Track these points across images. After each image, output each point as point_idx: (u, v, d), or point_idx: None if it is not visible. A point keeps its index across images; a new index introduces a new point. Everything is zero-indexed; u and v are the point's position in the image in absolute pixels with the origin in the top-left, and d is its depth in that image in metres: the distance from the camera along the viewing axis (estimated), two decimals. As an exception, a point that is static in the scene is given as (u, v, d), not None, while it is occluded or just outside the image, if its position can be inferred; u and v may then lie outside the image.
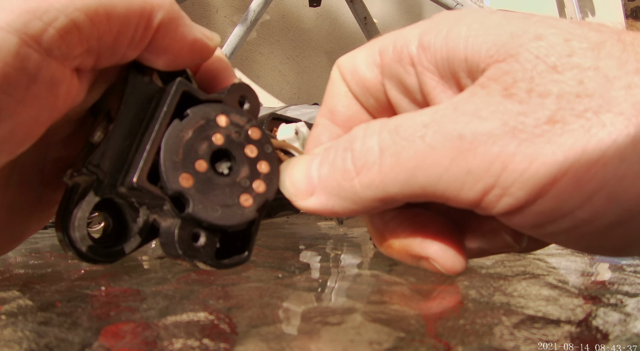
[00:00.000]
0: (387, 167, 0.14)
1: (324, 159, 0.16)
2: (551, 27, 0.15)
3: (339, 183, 0.15)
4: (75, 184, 0.22)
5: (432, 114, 0.14)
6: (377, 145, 0.15)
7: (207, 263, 0.22)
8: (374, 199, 0.15)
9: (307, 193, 0.17)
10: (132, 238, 0.24)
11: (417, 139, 0.14)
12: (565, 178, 0.12)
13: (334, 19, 1.70)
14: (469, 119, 0.13)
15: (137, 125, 0.22)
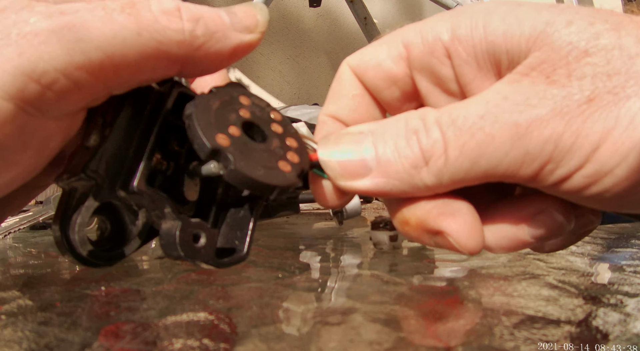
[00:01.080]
0: (453, 158, 0.16)
1: (378, 142, 0.17)
2: (576, 14, 0.17)
3: (406, 170, 0.17)
4: (72, 188, 0.22)
5: (485, 106, 0.16)
6: (440, 138, 0.16)
7: (208, 262, 0.22)
8: (435, 186, 0.17)
9: (359, 175, 0.17)
10: (131, 241, 0.24)
11: (477, 131, 0.16)
12: (605, 144, 0.15)
13: (334, 19, 1.69)
14: (522, 108, 0.16)
15: (134, 128, 0.22)
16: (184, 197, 0.25)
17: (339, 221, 0.39)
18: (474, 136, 0.16)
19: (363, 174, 0.17)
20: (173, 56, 0.17)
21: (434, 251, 0.32)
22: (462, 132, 0.16)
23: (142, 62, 0.17)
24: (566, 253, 0.31)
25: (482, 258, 0.30)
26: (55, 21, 0.16)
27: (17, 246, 0.39)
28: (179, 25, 0.17)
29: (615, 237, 0.37)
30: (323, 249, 0.35)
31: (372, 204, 0.68)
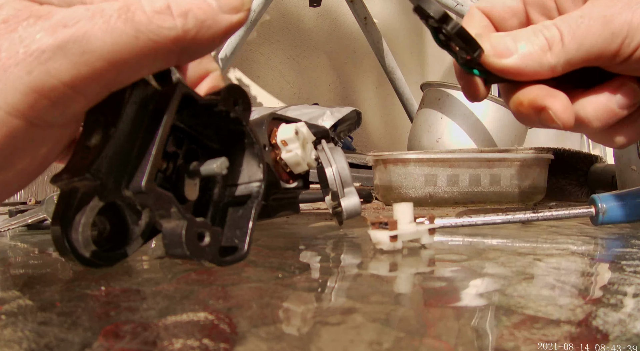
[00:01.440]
0: (567, 43, 0.24)
1: (518, 38, 0.25)
2: None
3: (537, 52, 0.25)
4: (73, 188, 0.22)
5: (582, 11, 0.25)
6: (557, 31, 0.25)
7: (212, 261, 0.22)
8: (555, 65, 0.25)
9: (505, 55, 0.25)
10: (134, 240, 0.24)
11: (580, 23, 0.24)
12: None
13: (334, 19, 1.69)
14: (606, 7, 0.24)
15: (137, 128, 0.21)
16: (184, 196, 0.25)
17: (339, 221, 0.39)
18: (579, 26, 0.24)
19: (508, 55, 0.25)
20: (169, 51, 0.18)
21: (434, 251, 0.32)
22: (570, 25, 0.24)
23: (141, 61, 0.18)
24: (566, 253, 0.31)
25: (482, 259, 0.30)
26: (59, 36, 0.16)
27: (17, 246, 0.39)
28: (171, 23, 0.18)
29: (615, 237, 0.37)
30: (323, 249, 0.35)
31: (372, 204, 0.68)
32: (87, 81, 0.17)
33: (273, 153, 0.36)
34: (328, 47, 1.70)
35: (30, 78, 0.16)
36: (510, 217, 0.37)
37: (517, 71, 0.25)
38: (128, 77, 0.19)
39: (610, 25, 0.24)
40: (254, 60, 1.56)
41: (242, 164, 0.25)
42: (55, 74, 0.16)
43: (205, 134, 0.26)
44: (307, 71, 1.67)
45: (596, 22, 0.24)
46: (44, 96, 0.16)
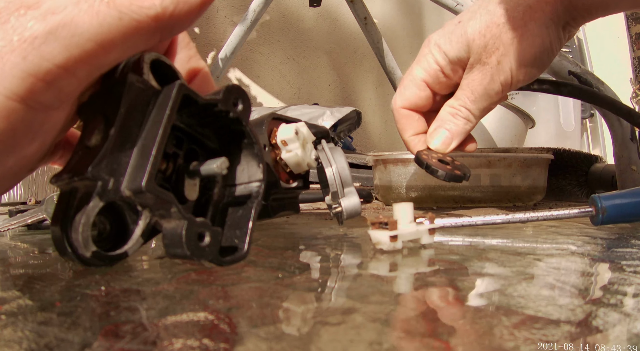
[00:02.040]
0: (473, 111, 0.43)
1: (448, 128, 0.43)
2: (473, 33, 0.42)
3: (464, 126, 0.42)
4: (73, 188, 0.22)
5: (470, 87, 0.42)
6: (465, 110, 0.43)
7: (212, 261, 0.22)
8: (478, 119, 0.43)
9: (449, 142, 0.43)
10: (133, 240, 0.24)
11: (467, 96, 0.43)
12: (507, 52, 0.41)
13: (334, 19, 1.69)
14: (483, 78, 0.42)
15: (137, 128, 0.21)
16: (184, 196, 0.25)
17: (339, 221, 0.39)
18: (476, 99, 0.42)
19: (450, 143, 0.43)
20: (151, 29, 0.20)
21: (434, 251, 0.32)
22: (471, 101, 0.41)
23: (127, 41, 0.19)
24: (566, 253, 0.31)
25: (481, 259, 0.30)
26: (49, 22, 0.18)
27: (17, 246, 0.39)
28: (150, 2, 0.19)
29: (615, 237, 0.37)
30: (323, 249, 0.35)
31: (372, 204, 0.68)
32: (79, 62, 0.18)
33: (273, 153, 0.36)
34: (328, 47, 1.70)
35: (26, 63, 0.17)
36: (510, 217, 0.37)
37: (457, 145, 0.43)
38: (116, 57, 0.20)
39: (490, 90, 0.41)
40: (254, 60, 1.56)
41: (242, 164, 0.25)
42: (49, 58, 0.17)
43: (205, 134, 0.26)
44: (307, 71, 1.67)
45: (482, 94, 0.41)
46: (40, 79, 0.17)
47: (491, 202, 0.61)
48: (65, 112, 0.20)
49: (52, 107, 0.19)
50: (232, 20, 1.50)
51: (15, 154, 0.19)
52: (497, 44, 0.39)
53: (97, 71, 0.20)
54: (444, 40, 0.42)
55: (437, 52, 0.43)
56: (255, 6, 1.08)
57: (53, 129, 0.20)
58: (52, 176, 0.22)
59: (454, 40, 0.41)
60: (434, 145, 0.42)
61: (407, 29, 1.84)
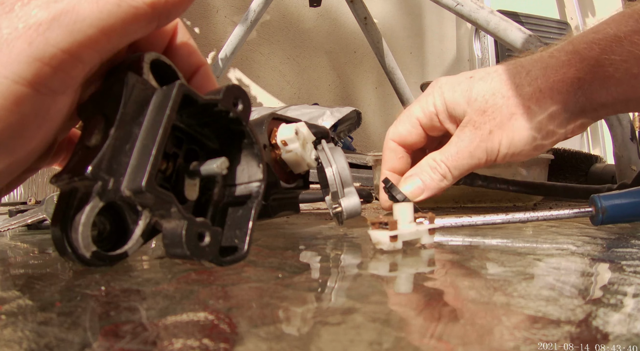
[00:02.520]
0: (453, 171, 0.41)
1: (423, 178, 0.42)
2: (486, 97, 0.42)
3: (438, 184, 0.41)
4: (73, 188, 0.22)
5: (456, 146, 0.41)
6: (444, 165, 0.41)
7: (212, 261, 0.22)
8: (450, 183, 0.41)
9: (420, 193, 0.42)
10: (133, 240, 0.24)
11: (458, 158, 0.41)
12: (500, 149, 0.41)
13: (334, 19, 1.69)
14: (469, 143, 0.41)
15: (137, 128, 0.21)
16: (184, 196, 0.25)
17: (339, 221, 0.38)
18: (457, 160, 0.40)
19: (421, 193, 0.42)
20: (149, 15, 0.21)
21: (434, 251, 0.32)
22: (452, 160, 0.41)
23: (126, 26, 0.20)
24: (566, 253, 0.31)
25: (481, 259, 0.30)
26: (52, 10, 0.19)
27: (17, 246, 0.39)
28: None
29: (615, 237, 0.37)
30: (323, 249, 0.35)
31: (372, 204, 0.68)
32: (82, 47, 0.19)
33: (273, 153, 0.36)
34: (328, 47, 1.70)
35: (32, 48, 0.18)
36: (510, 217, 0.37)
37: (427, 197, 0.42)
38: (118, 42, 0.21)
39: (474, 156, 0.40)
40: (254, 60, 1.56)
41: (241, 164, 0.25)
42: (54, 43, 0.18)
43: (205, 134, 0.26)
44: (307, 71, 1.67)
45: (466, 157, 0.40)
46: (46, 64, 0.18)
47: (491, 202, 0.61)
48: (70, 98, 0.21)
49: (58, 92, 0.20)
50: (232, 20, 1.50)
51: (24, 142, 0.20)
52: (496, 114, 0.39)
53: (99, 56, 0.20)
54: (449, 87, 0.42)
55: (439, 96, 0.42)
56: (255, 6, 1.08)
57: (59, 116, 0.21)
58: (52, 176, 0.22)
59: (457, 93, 0.41)
60: (405, 190, 0.41)
61: (407, 29, 1.84)
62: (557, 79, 0.37)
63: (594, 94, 0.37)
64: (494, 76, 0.40)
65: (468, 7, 0.79)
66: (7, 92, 0.18)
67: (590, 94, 0.37)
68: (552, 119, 0.38)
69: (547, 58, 0.39)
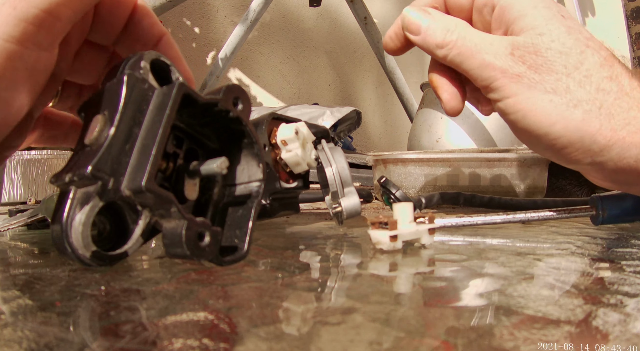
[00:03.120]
0: (453, 54, 0.31)
1: (432, 26, 0.32)
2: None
3: (433, 45, 0.32)
4: (73, 188, 0.22)
5: (481, 42, 0.30)
6: (455, 41, 0.31)
7: (212, 260, 0.22)
8: (439, 57, 0.32)
9: (414, 32, 0.33)
10: (133, 240, 0.24)
11: (469, 50, 0.30)
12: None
13: (334, 19, 1.69)
14: (490, 56, 0.30)
15: (137, 127, 0.22)
16: (184, 196, 0.25)
17: (339, 221, 0.38)
18: (467, 50, 0.30)
19: (416, 33, 0.32)
20: None
21: (434, 251, 0.32)
22: (463, 46, 0.30)
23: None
24: (566, 253, 0.31)
25: (481, 259, 0.30)
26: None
27: (17, 246, 0.39)
28: None
29: (615, 237, 0.37)
30: (323, 249, 0.35)
31: (372, 204, 0.68)
32: (60, 6, 0.22)
33: (273, 153, 0.36)
34: (328, 47, 1.70)
35: (17, 11, 0.21)
36: (511, 217, 0.37)
37: (416, 44, 0.33)
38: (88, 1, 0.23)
39: (483, 70, 0.29)
40: (254, 60, 1.56)
41: (241, 164, 0.25)
42: (34, 4, 0.21)
43: (205, 133, 0.26)
44: (307, 71, 1.67)
45: (477, 61, 0.30)
46: (30, 23, 0.21)
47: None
48: (52, 56, 0.24)
49: (42, 47, 0.22)
50: (232, 20, 1.50)
51: (15, 95, 0.23)
52: (541, 70, 0.29)
53: (73, 14, 0.23)
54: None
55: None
56: (255, 6, 1.08)
57: (43, 73, 0.24)
58: (52, 176, 0.22)
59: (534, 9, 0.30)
60: (410, 16, 0.33)
61: (407, 29, 1.84)
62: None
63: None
64: (590, 45, 0.28)
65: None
66: (0, 50, 0.21)
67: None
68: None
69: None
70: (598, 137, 0.27)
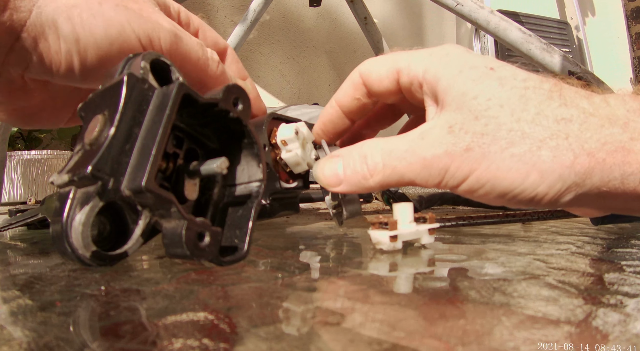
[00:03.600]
0: (387, 174, 0.26)
1: (346, 164, 0.28)
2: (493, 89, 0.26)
3: (359, 181, 0.27)
4: (73, 188, 0.22)
5: (409, 143, 0.26)
6: (381, 161, 0.26)
7: (212, 261, 0.22)
8: (375, 187, 0.27)
9: (336, 184, 0.28)
10: (133, 240, 0.24)
11: (403, 160, 0.26)
12: (472, 174, 0.25)
13: (334, 19, 1.69)
14: (429, 148, 0.25)
15: (137, 127, 0.21)
16: (184, 196, 0.25)
17: (339, 221, 0.38)
18: (400, 162, 0.26)
19: (338, 184, 0.28)
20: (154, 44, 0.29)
21: (434, 251, 0.32)
22: (392, 159, 0.26)
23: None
24: (566, 253, 0.31)
25: (481, 259, 0.30)
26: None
27: (17, 246, 0.39)
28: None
29: (615, 237, 0.37)
30: (323, 249, 0.35)
31: (372, 204, 0.68)
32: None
33: (273, 153, 0.36)
34: (328, 47, 1.70)
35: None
36: (511, 217, 0.37)
37: (346, 193, 0.30)
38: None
39: (429, 169, 0.25)
40: (254, 60, 1.56)
41: (241, 164, 0.25)
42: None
43: (206, 134, 0.26)
44: (307, 70, 1.67)
45: (417, 162, 0.26)
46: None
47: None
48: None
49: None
50: (232, 20, 1.50)
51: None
52: (490, 132, 0.25)
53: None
54: (458, 62, 0.28)
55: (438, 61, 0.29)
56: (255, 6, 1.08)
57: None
58: (52, 176, 0.22)
59: (464, 76, 0.27)
60: (320, 173, 0.29)
61: (407, 29, 1.84)
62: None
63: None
64: (529, 86, 0.26)
65: (468, 7, 0.79)
66: None
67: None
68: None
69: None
70: (576, 168, 0.24)
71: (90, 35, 0.27)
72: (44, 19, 0.27)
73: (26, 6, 0.27)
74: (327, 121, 0.34)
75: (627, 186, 0.24)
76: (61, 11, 0.27)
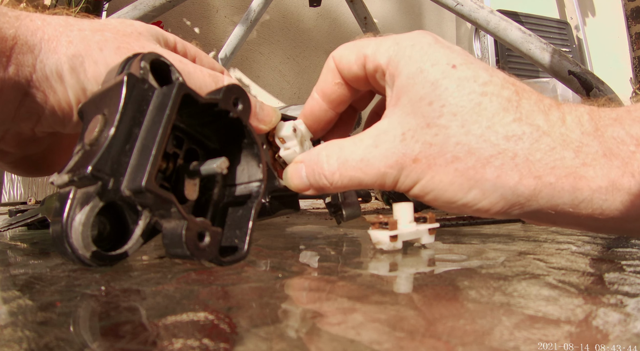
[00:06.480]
0: (345, 182, 0.27)
1: (307, 171, 0.29)
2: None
3: (322, 187, 0.28)
4: (73, 188, 0.22)
5: (364, 151, 0.27)
6: (337, 170, 0.27)
7: (212, 261, 0.22)
8: (339, 190, 0.28)
9: (305, 188, 0.29)
10: (133, 240, 0.24)
11: (358, 170, 0.26)
12: (421, 181, 0.26)
13: (334, 19, 1.69)
14: (383, 157, 0.26)
15: (137, 127, 0.21)
16: (184, 196, 0.25)
17: (338, 221, 0.38)
18: (356, 172, 0.27)
19: (307, 189, 0.29)
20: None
21: (434, 251, 0.32)
22: (347, 167, 0.27)
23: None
24: (566, 253, 0.31)
25: (481, 258, 0.30)
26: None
27: (17, 246, 0.39)
28: None
29: (615, 237, 0.37)
30: (323, 249, 0.35)
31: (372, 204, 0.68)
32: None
33: (271, 151, 0.36)
34: (328, 47, 1.70)
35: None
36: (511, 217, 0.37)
37: (312, 194, 0.30)
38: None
39: (383, 177, 0.26)
40: (254, 60, 1.56)
41: (241, 164, 0.25)
42: None
43: (206, 134, 0.26)
44: (307, 71, 1.67)
45: (372, 173, 0.27)
46: None
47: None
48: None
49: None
50: (232, 20, 1.50)
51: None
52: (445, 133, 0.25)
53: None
54: (420, 53, 0.28)
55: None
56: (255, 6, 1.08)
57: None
58: (52, 176, 0.22)
59: (427, 70, 0.26)
60: (288, 179, 0.30)
61: (407, 29, 1.84)
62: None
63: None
64: (487, 92, 0.25)
65: (468, 7, 0.79)
66: None
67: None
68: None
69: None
70: (520, 189, 0.23)
71: (96, 84, 0.27)
72: (48, 72, 0.27)
73: (29, 61, 0.27)
74: (308, 113, 0.33)
75: (579, 211, 0.23)
76: (63, 62, 0.27)
